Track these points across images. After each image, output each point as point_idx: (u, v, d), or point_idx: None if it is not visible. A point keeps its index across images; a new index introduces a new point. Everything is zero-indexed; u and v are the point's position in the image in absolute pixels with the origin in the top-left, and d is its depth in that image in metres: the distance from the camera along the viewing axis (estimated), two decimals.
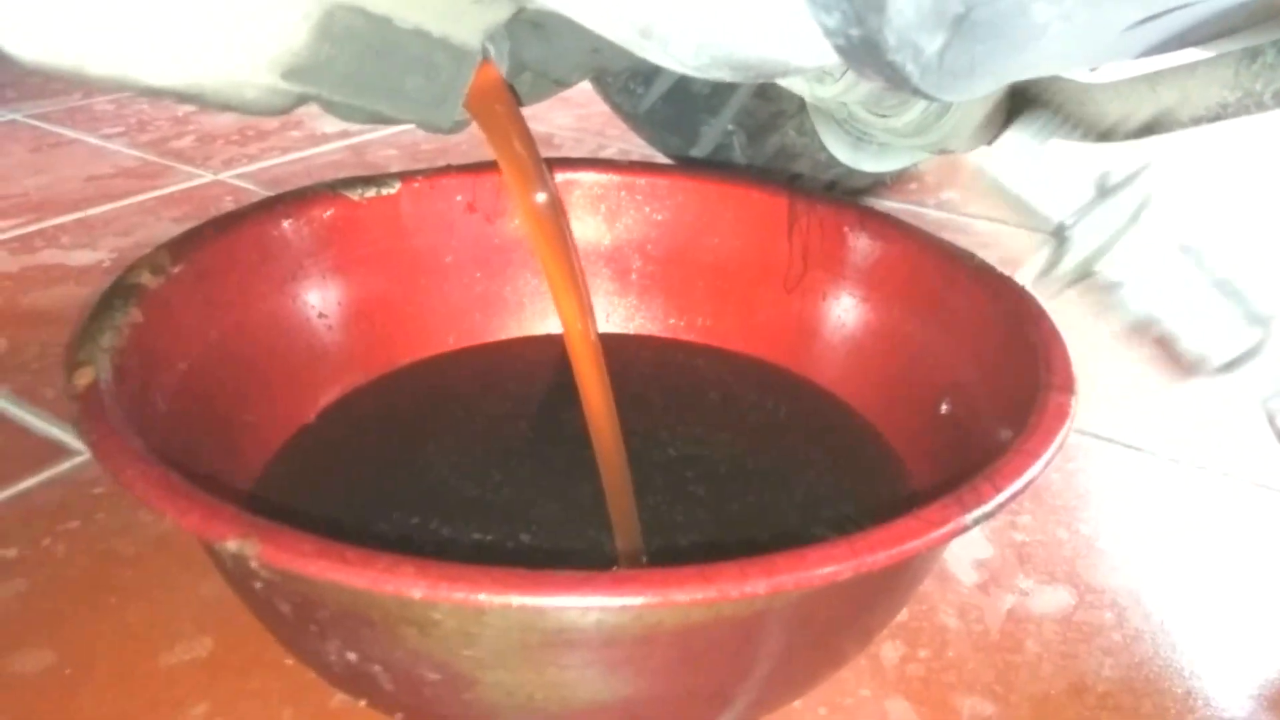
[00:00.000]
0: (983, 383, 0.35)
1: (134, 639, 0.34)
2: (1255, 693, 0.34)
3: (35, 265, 0.60)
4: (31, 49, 0.19)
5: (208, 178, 0.75)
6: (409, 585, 0.21)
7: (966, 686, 0.33)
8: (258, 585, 0.25)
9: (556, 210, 0.30)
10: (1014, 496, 0.25)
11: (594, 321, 0.33)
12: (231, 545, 0.21)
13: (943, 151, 0.49)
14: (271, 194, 0.40)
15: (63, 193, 0.71)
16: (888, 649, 0.35)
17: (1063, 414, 0.27)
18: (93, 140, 0.82)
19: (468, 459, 0.37)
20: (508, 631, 0.23)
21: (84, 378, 0.27)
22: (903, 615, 0.36)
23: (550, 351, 0.43)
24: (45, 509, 0.40)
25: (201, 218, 0.38)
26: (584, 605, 0.21)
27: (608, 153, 0.84)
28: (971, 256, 0.37)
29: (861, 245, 0.40)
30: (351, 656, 0.25)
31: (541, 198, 0.29)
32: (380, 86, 0.25)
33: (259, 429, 0.36)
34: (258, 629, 0.29)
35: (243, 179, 0.75)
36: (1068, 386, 0.29)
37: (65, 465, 0.42)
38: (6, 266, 0.60)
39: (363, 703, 0.28)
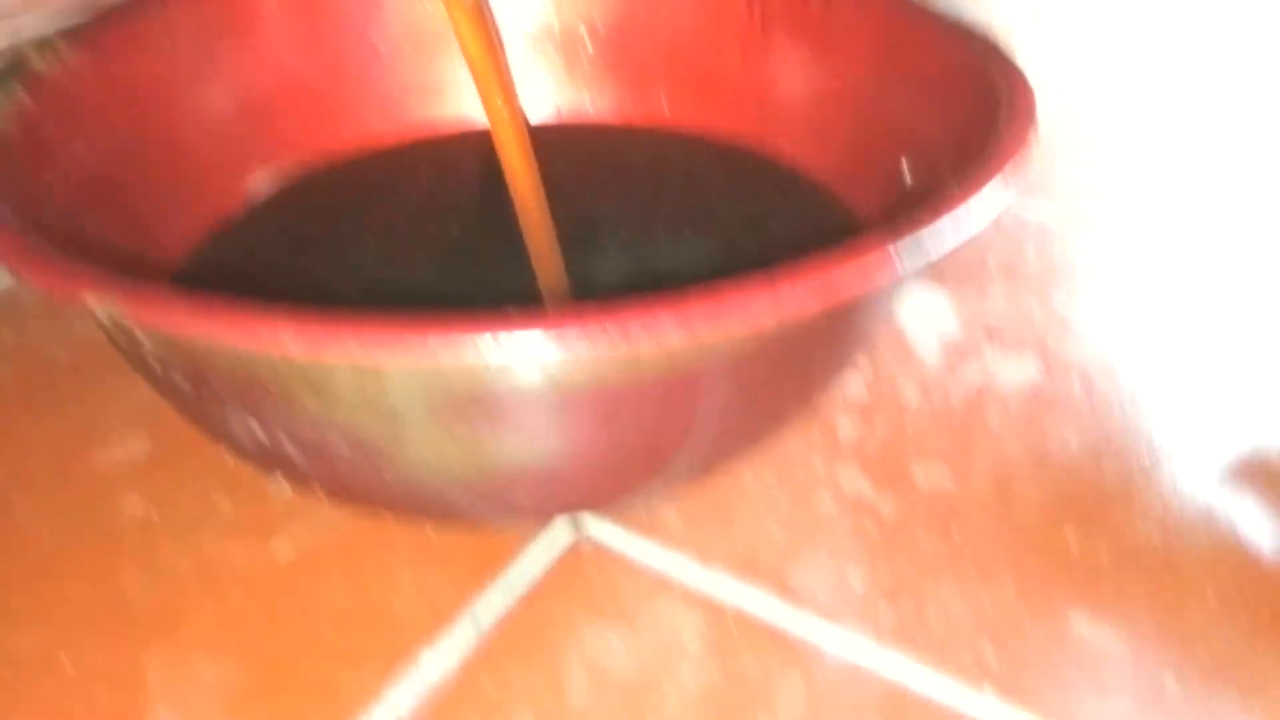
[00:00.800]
0: (945, 140, 0.32)
1: (68, 441, 0.33)
2: (1221, 462, 0.32)
3: None
4: None
5: None
6: (286, 340, 0.19)
7: (923, 455, 0.32)
8: (152, 362, 0.23)
9: None
10: (958, 230, 0.22)
11: (515, 97, 0.31)
12: (93, 303, 0.20)
13: None
14: None
15: None
16: (843, 423, 0.34)
17: (1018, 145, 0.25)
18: None
19: (395, 248, 0.36)
20: (409, 395, 0.21)
21: None
22: (861, 392, 0.35)
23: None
24: None
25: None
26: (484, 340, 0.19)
27: None
28: (941, 15, 0.34)
29: (823, 3, 0.37)
30: (257, 430, 0.24)
31: None
32: None
33: (177, 225, 0.34)
34: None
35: None
36: (1028, 119, 0.26)
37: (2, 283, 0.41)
38: None
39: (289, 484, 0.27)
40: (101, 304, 0.20)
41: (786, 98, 0.38)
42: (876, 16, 0.36)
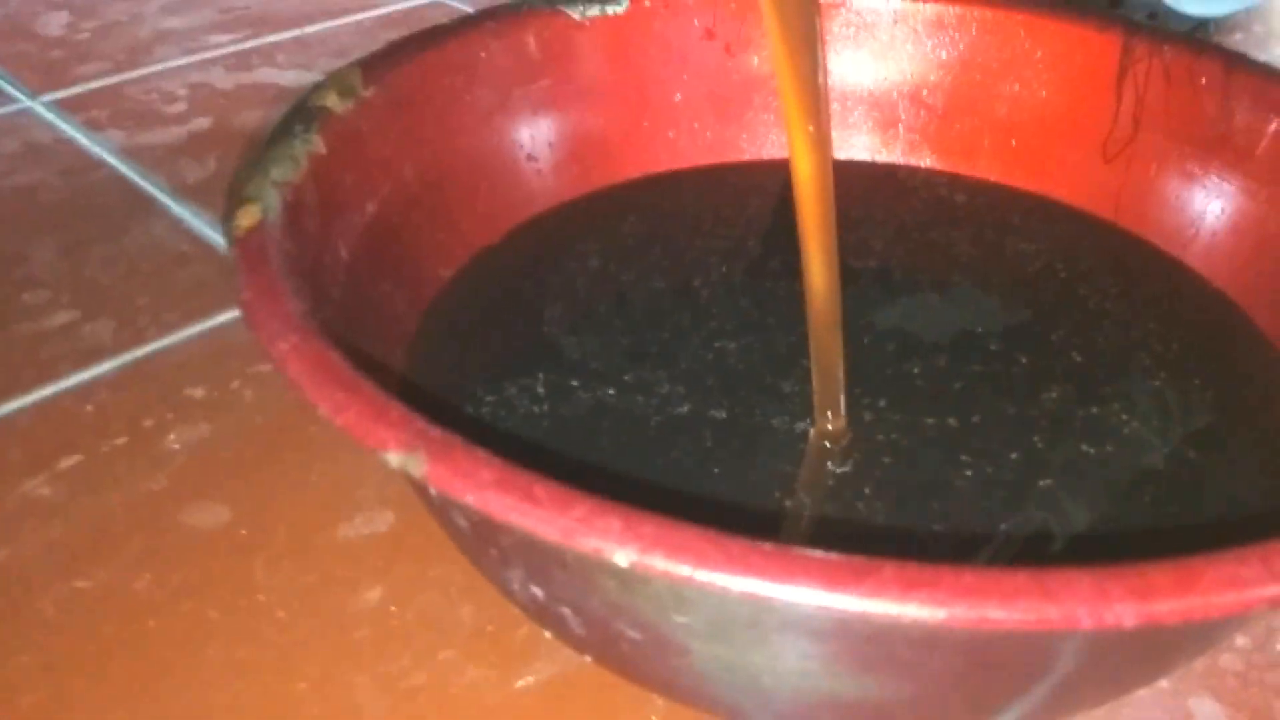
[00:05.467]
0: None
1: (312, 505, 0.31)
2: None
3: (249, 83, 0.58)
4: None
5: None
6: (613, 546, 0.15)
7: None
8: (435, 499, 0.20)
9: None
10: None
11: (829, 153, 0.24)
12: (394, 459, 0.17)
13: None
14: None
15: (282, 9, 0.68)
16: (1198, 704, 0.27)
17: None
18: None
19: (667, 298, 0.31)
20: (734, 606, 0.17)
21: (248, 218, 0.23)
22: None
23: None
24: (238, 348, 0.37)
25: None
26: (849, 608, 0.15)
27: None
28: None
29: (1219, 106, 0.30)
30: (537, 592, 0.20)
31: None
32: None
33: (438, 260, 0.31)
34: None
35: (469, 1, 0.69)
36: None
37: None
38: (222, 83, 0.58)
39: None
40: (406, 464, 0.16)
41: (1159, 209, 0.32)
42: None
